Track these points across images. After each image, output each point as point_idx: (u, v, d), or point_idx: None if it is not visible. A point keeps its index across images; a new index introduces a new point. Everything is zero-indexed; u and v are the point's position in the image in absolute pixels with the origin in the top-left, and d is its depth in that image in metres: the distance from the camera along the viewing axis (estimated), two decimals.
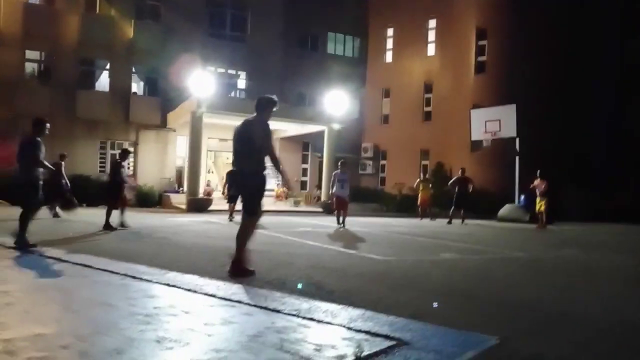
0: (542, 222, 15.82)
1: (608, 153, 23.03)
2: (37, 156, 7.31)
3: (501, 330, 3.70)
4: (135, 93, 25.10)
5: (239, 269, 5.53)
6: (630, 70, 23.66)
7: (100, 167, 23.62)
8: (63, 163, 14.16)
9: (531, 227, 15.76)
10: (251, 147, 5.50)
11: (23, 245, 7.16)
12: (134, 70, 24.81)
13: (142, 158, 23.98)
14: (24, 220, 7.30)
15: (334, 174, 14.23)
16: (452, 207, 16.44)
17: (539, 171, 16.19)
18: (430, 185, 19.27)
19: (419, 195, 19.05)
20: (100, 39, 23.13)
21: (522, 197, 18.98)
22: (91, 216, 14.83)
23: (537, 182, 16.11)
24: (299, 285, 5.20)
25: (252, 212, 5.69)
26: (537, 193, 16.06)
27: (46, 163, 7.68)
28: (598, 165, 22.45)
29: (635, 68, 23.50)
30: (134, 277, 5.34)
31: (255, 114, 5.73)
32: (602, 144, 23.20)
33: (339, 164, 14.50)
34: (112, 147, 24.05)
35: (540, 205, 15.95)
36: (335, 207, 13.87)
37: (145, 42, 23.67)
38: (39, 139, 7.46)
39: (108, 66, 24.23)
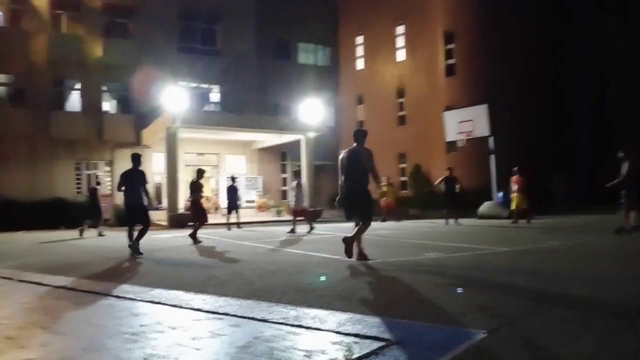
0: (519, 217, 15.96)
1: (590, 139, 23.69)
2: (146, 184, 9.44)
3: (491, 321, 3.76)
4: (107, 111, 24.81)
5: (362, 256, 7.42)
6: (603, 58, 24.41)
7: (77, 188, 23.22)
8: (98, 188, 16.44)
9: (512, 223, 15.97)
10: (360, 168, 7.34)
11: (136, 252, 9.04)
12: (105, 88, 24.55)
13: (119, 177, 23.62)
14: (141, 234, 9.26)
15: (297, 182, 14.85)
16: (445, 209, 16.51)
17: (516, 168, 16.42)
18: (394, 189, 20.09)
19: (385, 199, 19.77)
20: (69, 59, 22.87)
21: (500, 194, 19.28)
22: (69, 238, 14.60)
23: (514, 178, 16.29)
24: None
25: (369, 218, 7.47)
26: (515, 189, 16.19)
27: (149, 190, 9.58)
28: (581, 152, 23.06)
29: (607, 55, 24.29)
30: (118, 297, 5.28)
31: (355, 144, 7.61)
32: (583, 131, 23.84)
33: (293, 173, 15.02)
34: (88, 168, 23.72)
35: (517, 201, 16.05)
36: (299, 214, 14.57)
37: (115, 60, 23.47)
38: (142, 169, 9.54)
39: (79, 86, 23.94)
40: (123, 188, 9.58)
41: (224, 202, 25.40)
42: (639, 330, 3.62)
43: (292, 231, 14.10)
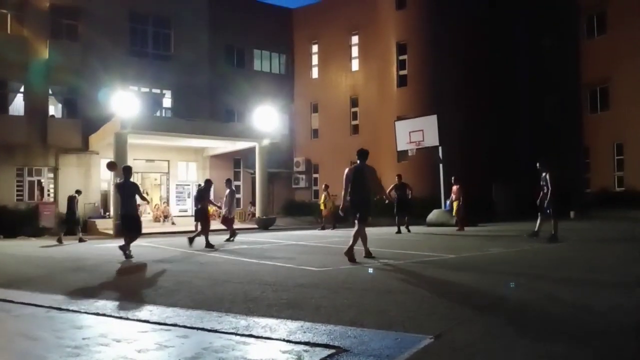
0: (460, 224, 16.67)
1: (530, 149, 24.76)
2: (141, 194, 10.40)
3: (437, 327, 3.85)
4: (53, 116, 23.88)
5: (350, 256, 8.29)
6: (542, 72, 25.75)
7: (18, 195, 22.16)
8: (77, 197, 16.80)
9: (458, 230, 16.42)
10: (364, 182, 8.58)
11: (127, 256, 9.75)
12: (50, 92, 23.62)
13: (64, 183, 22.75)
14: (129, 241, 10.01)
15: (230, 192, 14.88)
16: (396, 216, 16.51)
17: (453, 177, 17.22)
18: (332, 198, 20.32)
19: (323, 208, 20.06)
20: (13, 60, 21.86)
21: (448, 202, 19.80)
22: (7, 247, 13.91)
23: (453, 188, 16.99)
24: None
25: (365, 220, 8.69)
26: (453, 198, 16.89)
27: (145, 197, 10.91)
28: (523, 162, 24.07)
29: (545, 69, 25.64)
30: (59, 309, 5.08)
31: (359, 161, 8.73)
32: (525, 141, 24.91)
33: (227, 180, 15.38)
34: (30, 174, 22.70)
35: (456, 209, 16.90)
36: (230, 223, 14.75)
37: (62, 62, 22.63)
38: (134, 182, 10.48)
39: (22, 89, 22.94)
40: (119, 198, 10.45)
41: (174, 209, 25.03)
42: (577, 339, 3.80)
43: (232, 237, 14.21)
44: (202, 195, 12.76)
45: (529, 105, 26.19)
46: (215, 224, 15.64)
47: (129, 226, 10.18)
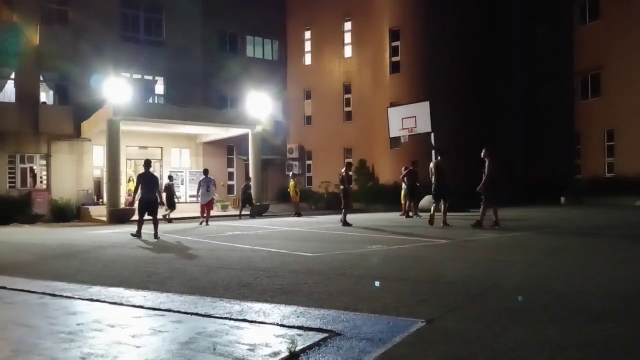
0: (405, 210, 16.98)
1: (523, 135, 24.85)
2: (158, 185, 12.09)
3: (431, 312, 3.89)
4: (44, 103, 23.64)
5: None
6: (535, 59, 25.77)
7: (11, 182, 22.01)
8: (173, 183, 19.24)
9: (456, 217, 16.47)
10: (445, 174, 12.47)
11: (138, 236, 11.29)
12: (42, 78, 23.36)
13: (56, 170, 22.61)
14: (156, 224, 11.47)
15: (199, 180, 16.70)
16: (407, 202, 16.86)
17: (404, 167, 17.90)
18: (300, 186, 21.33)
19: (294, 195, 20.78)
20: (3, 47, 21.55)
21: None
22: (4, 235, 13.86)
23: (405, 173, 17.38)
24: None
25: (447, 200, 12.72)
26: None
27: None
28: (515, 149, 24.18)
29: (539, 56, 25.67)
30: (53, 295, 5.08)
31: (440, 157, 12.94)
32: (516, 128, 25.00)
33: (203, 171, 17.06)
34: (22, 161, 22.52)
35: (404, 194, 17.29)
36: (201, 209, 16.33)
37: (53, 49, 22.33)
38: (153, 173, 11.97)
39: (13, 75, 22.65)
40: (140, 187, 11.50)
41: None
42: (566, 323, 3.85)
43: (206, 223, 15.75)
44: (346, 179, 14.36)
45: (522, 91, 26.21)
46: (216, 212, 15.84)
47: (155, 209, 11.53)
